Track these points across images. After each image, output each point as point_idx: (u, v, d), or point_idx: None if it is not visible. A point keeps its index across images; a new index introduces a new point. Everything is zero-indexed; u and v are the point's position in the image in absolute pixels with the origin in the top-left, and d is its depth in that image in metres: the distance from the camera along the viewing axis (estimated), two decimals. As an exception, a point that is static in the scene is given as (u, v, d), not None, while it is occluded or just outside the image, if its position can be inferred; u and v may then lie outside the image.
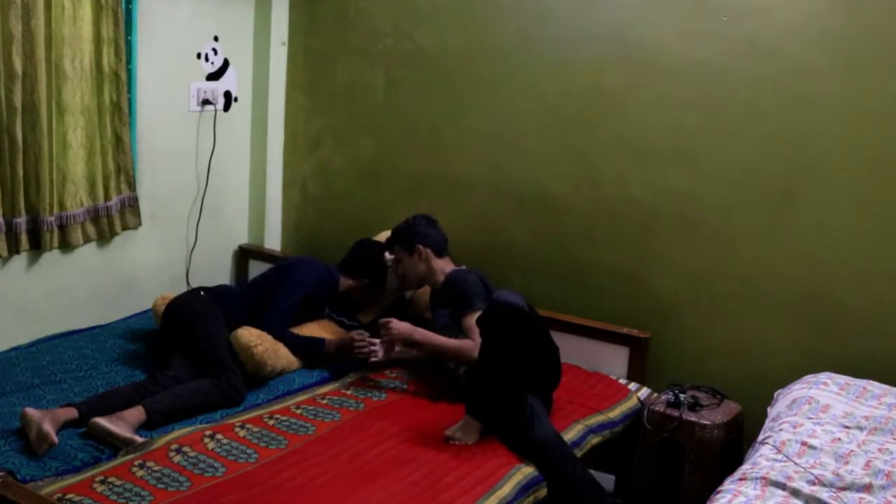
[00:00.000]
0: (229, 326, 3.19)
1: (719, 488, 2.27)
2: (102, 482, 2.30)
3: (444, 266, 3.31)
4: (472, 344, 2.95)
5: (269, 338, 3.13)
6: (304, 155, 4.35)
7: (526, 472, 2.59)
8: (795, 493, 2.14)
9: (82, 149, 3.51)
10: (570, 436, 2.83)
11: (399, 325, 3.08)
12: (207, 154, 4.10)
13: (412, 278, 3.39)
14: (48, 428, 2.52)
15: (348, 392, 3.07)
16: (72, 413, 2.67)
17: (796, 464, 2.27)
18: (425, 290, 3.53)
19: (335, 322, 3.52)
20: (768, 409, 2.78)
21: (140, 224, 3.82)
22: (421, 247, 3.30)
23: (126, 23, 3.61)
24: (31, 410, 2.59)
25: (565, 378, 3.22)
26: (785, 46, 3.07)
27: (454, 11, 3.80)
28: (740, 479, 2.26)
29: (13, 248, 3.31)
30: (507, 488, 2.48)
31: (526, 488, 2.54)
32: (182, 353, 3.12)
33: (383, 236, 3.74)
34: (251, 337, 3.07)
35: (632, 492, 3.13)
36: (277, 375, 3.15)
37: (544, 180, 3.63)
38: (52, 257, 3.51)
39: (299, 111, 4.33)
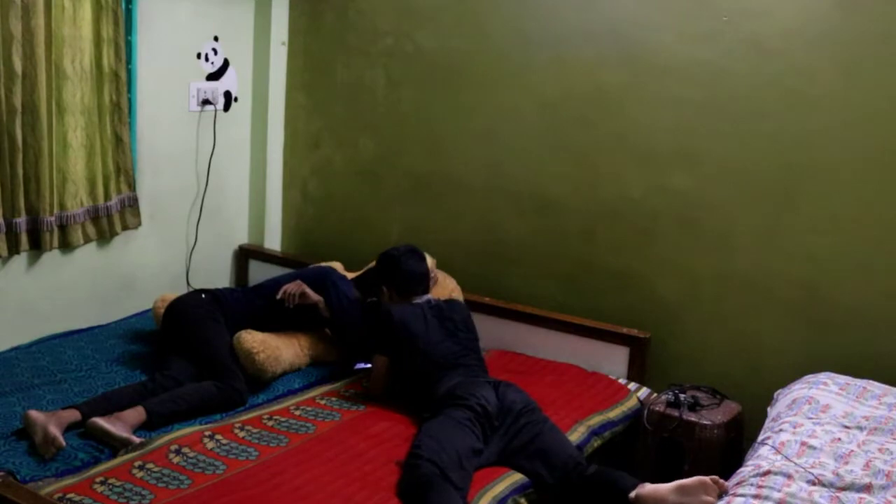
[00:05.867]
0: (229, 329, 3.18)
1: (719, 488, 2.27)
2: (103, 483, 2.30)
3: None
4: None
5: (272, 344, 3.12)
6: (304, 155, 4.35)
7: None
8: (795, 493, 2.14)
9: (82, 149, 3.51)
10: (573, 437, 2.82)
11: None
12: (207, 154, 4.10)
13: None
14: (55, 431, 2.52)
15: (348, 393, 3.07)
16: (75, 415, 2.67)
17: (796, 464, 2.27)
18: None
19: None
20: (768, 409, 2.78)
21: (140, 224, 3.82)
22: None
23: (126, 23, 3.61)
24: (34, 413, 2.58)
25: (565, 378, 3.21)
26: (785, 46, 3.07)
27: (454, 11, 3.80)
28: (740, 480, 2.26)
29: (13, 248, 3.31)
30: (500, 486, 2.49)
31: (522, 488, 2.54)
32: (182, 354, 3.11)
33: None
34: (253, 343, 3.07)
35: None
36: (278, 378, 3.15)
37: (544, 180, 3.63)
38: (52, 257, 3.51)
39: (299, 111, 4.33)
